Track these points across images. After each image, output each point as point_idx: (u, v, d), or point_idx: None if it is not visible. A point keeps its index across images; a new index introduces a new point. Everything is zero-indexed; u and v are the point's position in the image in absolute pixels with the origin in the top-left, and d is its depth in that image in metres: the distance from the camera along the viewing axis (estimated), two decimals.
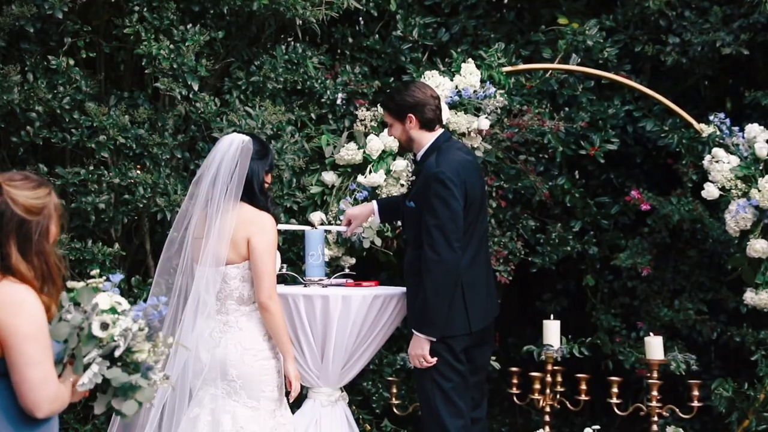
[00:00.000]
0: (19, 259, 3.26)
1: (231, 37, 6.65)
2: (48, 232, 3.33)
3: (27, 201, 3.29)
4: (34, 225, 3.29)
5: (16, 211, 3.27)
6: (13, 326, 3.17)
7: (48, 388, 3.20)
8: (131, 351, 3.33)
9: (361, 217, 5.74)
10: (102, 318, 3.28)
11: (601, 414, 7.47)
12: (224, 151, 4.78)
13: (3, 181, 3.30)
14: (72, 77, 6.17)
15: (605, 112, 7.14)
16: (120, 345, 3.28)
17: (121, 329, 3.28)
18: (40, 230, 3.31)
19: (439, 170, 5.09)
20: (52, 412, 3.24)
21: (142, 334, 3.33)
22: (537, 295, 7.90)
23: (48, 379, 3.20)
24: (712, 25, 7.08)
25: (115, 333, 3.27)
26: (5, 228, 3.26)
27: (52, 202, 3.36)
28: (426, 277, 5.06)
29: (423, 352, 5.14)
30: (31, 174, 3.41)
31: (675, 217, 6.96)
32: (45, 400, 3.20)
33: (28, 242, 3.28)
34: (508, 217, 7.22)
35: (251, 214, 4.75)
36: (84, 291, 3.34)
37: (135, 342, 3.32)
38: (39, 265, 3.29)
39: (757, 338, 6.78)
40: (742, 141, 6.44)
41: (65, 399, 3.28)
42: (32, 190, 3.32)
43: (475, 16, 7.44)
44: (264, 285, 4.71)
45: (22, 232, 3.28)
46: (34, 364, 3.17)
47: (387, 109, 5.38)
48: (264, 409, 4.76)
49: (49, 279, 3.32)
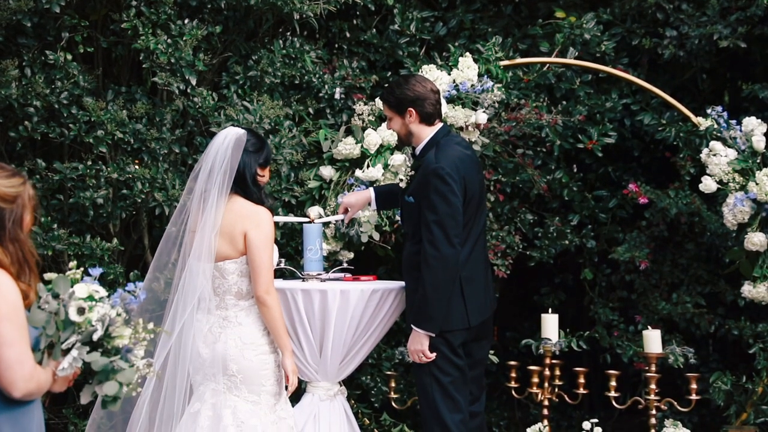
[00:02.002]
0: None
1: (228, 31, 6.64)
2: (22, 221, 3.41)
3: (1, 189, 3.37)
4: (8, 213, 3.38)
5: None
6: None
7: (23, 368, 3.26)
8: (111, 336, 3.40)
9: (358, 205, 5.74)
10: (78, 303, 3.35)
11: (599, 407, 7.49)
12: (219, 145, 4.79)
13: None
14: (70, 72, 6.16)
15: (603, 106, 7.14)
16: (98, 329, 3.35)
17: (99, 314, 3.35)
18: (14, 218, 3.39)
19: (438, 166, 5.09)
20: (29, 393, 3.30)
21: (120, 318, 3.40)
22: (535, 288, 7.91)
23: (22, 359, 3.26)
24: (710, 17, 7.08)
25: (93, 318, 3.34)
26: None
27: (26, 192, 3.44)
28: (425, 273, 5.06)
29: (422, 347, 5.14)
30: (5, 165, 3.48)
31: (673, 211, 6.96)
32: (20, 379, 3.26)
33: (2, 229, 3.36)
34: (506, 211, 7.22)
35: (247, 209, 4.75)
36: (60, 281, 3.40)
37: (114, 327, 3.39)
38: (14, 251, 3.37)
39: (754, 331, 6.79)
40: (740, 134, 6.44)
41: (42, 382, 3.33)
42: (6, 179, 3.41)
43: (473, 10, 7.43)
44: (261, 279, 4.71)
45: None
46: (8, 344, 3.24)
47: (387, 102, 5.37)
48: (264, 403, 4.76)
49: (26, 266, 3.40)
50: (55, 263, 6.11)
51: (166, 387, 4.75)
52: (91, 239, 6.07)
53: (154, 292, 5.01)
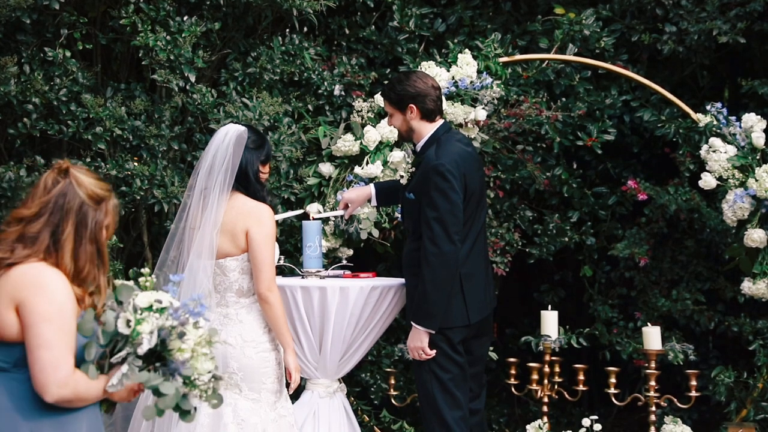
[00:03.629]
0: (70, 239, 3.31)
1: (228, 28, 6.64)
2: (102, 225, 3.39)
3: (90, 187, 3.37)
4: (92, 213, 3.36)
5: (79, 193, 3.34)
6: (33, 305, 3.20)
7: (57, 373, 3.18)
8: (169, 350, 3.28)
9: (359, 201, 5.72)
10: (126, 315, 3.25)
11: (599, 404, 7.49)
12: (220, 142, 4.78)
13: (70, 166, 3.38)
14: (68, 69, 6.16)
15: (602, 102, 7.13)
16: (143, 343, 3.23)
17: (150, 327, 3.24)
18: (97, 221, 3.37)
19: (438, 162, 5.08)
20: (62, 399, 3.21)
21: (174, 332, 3.28)
22: (534, 285, 7.90)
23: (59, 364, 3.19)
24: (709, 13, 7.07)
25: (144, 330, 3.23)
26: (66, 206, 3.33)
27: (111, 200, 3.44)
28: (425, 270, 5.05)
29: (422, 344, 5.14)
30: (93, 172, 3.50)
31: (672, 207, 6.95)
32: (53, 383, 3.18)
33: (84, 227, 3.34)
34: (506, 208, 7.22)
35: (249, 205, 4.75)
36: (123, 288, 3.32)
37: (170, 340, 3.27)
38: (91, 252, 3.34)
39: (754, 328, 6.79)
40: (739, 130, 6.44)
41: (81, 391, 3.24)
42: (96, 180, 3.42)
43: (472, 6, 7.42)
44: (263, 276, 4.70)
45: (80, 215, 3.34)
46: (45, 346, 3.18)
47: (387, 98, 5.36)
48: (265, 401, 4.76)
49: (94, 271, 3.35)
50: None
51: None
52: None
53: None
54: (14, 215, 3.36)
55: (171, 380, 3.27)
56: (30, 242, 3.28)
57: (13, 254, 3.26)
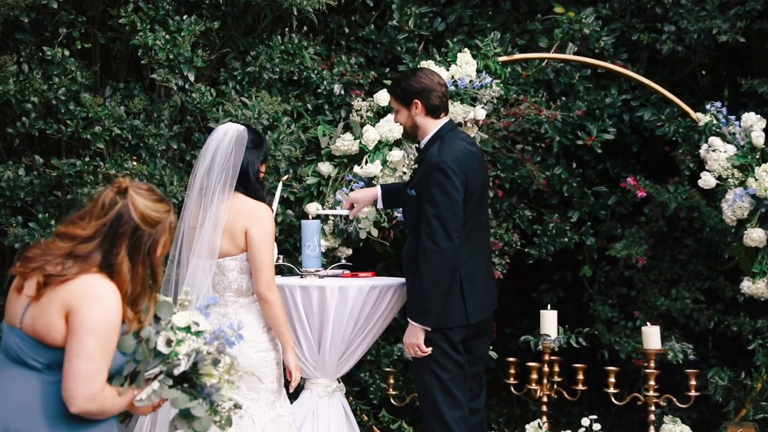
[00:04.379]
0: (125, 262, 3.32)
1: (227, 27, 6.63)
2: (156, 247, 3.40)
3: (146, 210, 3.37)
4: (146, 236, 3.37)
5: (134, 217, 3.34)
6: (84, 315, 3.21)
7: (89, 386, 3.20)
8: (199, 374, 3.30)
9: (365, 201, 5.70)
10: (168, 334, 3.27)
11: (598, 404, 7.48)
12: (219, 141, 4.77)
13: (130, 185, 3.39)
14: (67, 68, 6.15)
15: (602, 102, 7.13)
16: (181, 364, 3.25)
17: (189, 348, 3.27)
18: (151, 243, 3.38)
19: (440, 159, 5.08)
20: (87, 412, 3.23)
21: (209, 357, 3.30)
22: (534, 285, 7.90)
23: (93, 377, 3.20)
24: (709, 12, 7.06)
25: (181, 351, 3.25)
26: (121, 229, 3.33)
27: (168, 219, 3.44)
28: (423, 266, 5.05)
29: (417, 341, 5.14)
30: (156, 189, 3.49)
31: (672, 206, 6.94)
32: (81, 396, 3.20)
33: (137, 251, 3.35)
34: (505, 207, 7.21)
35: (248, 205, 4.74)
36: (164, 305, 3.35)
37: (203, 365, 3.29)
38: (143, 274, 3.36)
39: (754, 327, 6.77)
40: (739, 130, 6.44)
41: (107, 407, 3.26)
42: (153, 203, 3.41)
43: (471, 5, 7.41)
44: (262, 276, 4.70)
45: (134, 239, 3.34)
46: (85, 357, 3.19)
47: (393, 94, 5.38)
48: (263, 400, 4.75)
49: (144, 292, 3.36)
50: None
51: None
52: None
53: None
54: (68, 232, 3.36)
55: (201, 404, 3.30)
56: (82, 259, 3.29)
57: (67, 269, 3.26)
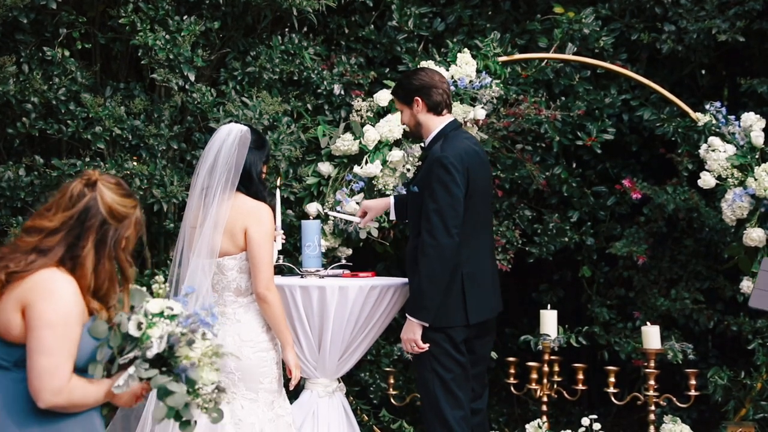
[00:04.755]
0: (90, 255, 3.33)
1: (227, 27, 6.63)
2: (122, 241, 3.41)
3: (114, 204, 3.38)
4: (113, 230, 3.37)
5: (101, 210, 3.35)
6: (38, 310, 3.21)
7: (52, 381, 3.20)
8: (176, 356, 3.30)
9: (377, 210, 5.72)
10: (138, 318, 3.28)
11: (598, 403, 7.48)
12: (222, 141, 4.77)
13: (99, 178, 3.40)
14: (67, 68, 6.15)
15: (602, 102, 7.13)
16: (153, 347, 3.25)
17: (161, 331, 3.27)
18: (117, 237, 3.38)
19: (442, 155, 5.09)
20: (56, 406, 3.23)
21: (184, 338, 3.30)
22: (534, 285, 7.90)
23: (55, 371, 3.20)
24: (708, 12, 7.07)
25: (154, 334, 3.26)
26: (88, 222, 3.34)
27: (135, 215, 3.44)
28: (421, 262, 5.06)
29: (414, 336, 5.14)
30: (125, 183, 3.50)
31: (670, 206, 6.94)
32: (46, 390, 3.20)
33: (103, 244, 3.35)
34: (505, 207, 7.21)
35: (249, 204, 4.74)
36: (136, 293, 3.37)
37: (178, 347, 3.30)
38: (110, 269, 3.37)
39: (754, 327, 6.78)
40: (739, 130, 6.44)
41: (76, 398, 3.26)
42: (121, 197, 3.42)
43: (471, 5, 7.42)
44: (261, 276, 4.70)
45: (100, 232, 3.35)
46: (45, 352, 3.19)
47: (396, 95, 5.42)
48: (262, 400, 4.75)
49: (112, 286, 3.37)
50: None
51: None
52: None
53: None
54: (35, 225, 3.37)
55: (178, 381, 3.29)
56: (44, 254, 3.29)
57: (27, 265, 3.27)
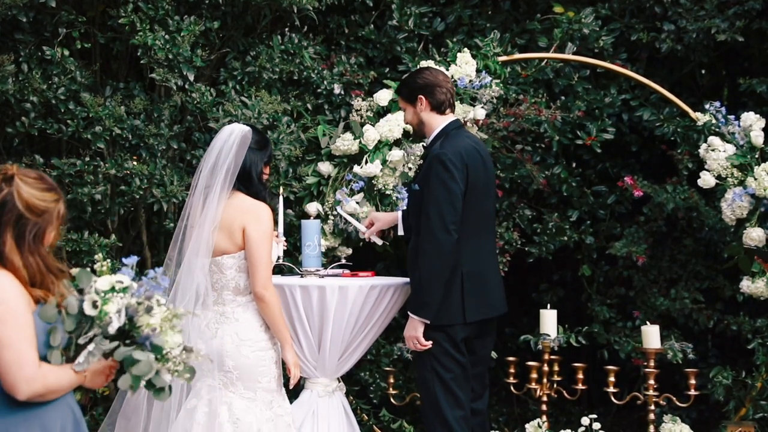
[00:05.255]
0: (13, 250, 3.31)
1: (227, 27, 6.63)
2: (43, 236, 3.38)
3: (31, 199, 3.35)
4: (31, 225, 3.35)
5: (17, 205, 3.32)
6: None
7: (22, 370, 3.22)
8: (137, 327, 3.33)
9: (384, 223, 5.77)
10: (92, 296, 3.30)
11: (598, 403, 7.49)
12: (224, 141, 4.79)
13: (17, 173, 3.37)
14: (67, 68, 6.14)
15: (601, 101, 7.14)
16: (113, 322, 3.28)
17: (118, 305, 3.29)
18: (36, 231, 3.36)
19: (441, 152, 5.11)
20: (35, 394, 3.25)
21: (141, 307, 3.33)
22: (533, 284, 7.90)
23: (22, 361, 3.22)
24: (708, 12, 7.08)
25: (111, 310, 3.28)
26: (4, 217, 3.33)
27: (56, 209, 3.42)
28: (421, 259, 5.07)
29: (416, 333, 5.15)
30: (47, 177, 3.47)
31: (670, 206, 6.94)
32: (21, 381, 3.22)
33: (22, 239, 3.33)
34: (505, 207, 7.22)
35: (247, 203, 4.75)
36: (83, 275, 3.36)
37: (138, 317, 3.33)
38: (34, 263, 3.35)
39: (753, 326, 6.79)
40: (738, 129, 6.44)
41: (50, 382, 3.28)
42: (40, 191, 3.39)
43: (471, 5, 7.42)
44: (259, 275, 4.70)
45: (18, 227, 3.33)
46: (4, 346, 3.21)
47: (399, 93, 5.46)
48: (260, 400, 4.75)
49: (49, 277, 3.36)
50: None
51: None
52: (89, 235, 6.06)
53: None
54: None
55: (143, 350, 3.33)
56: None
57: None
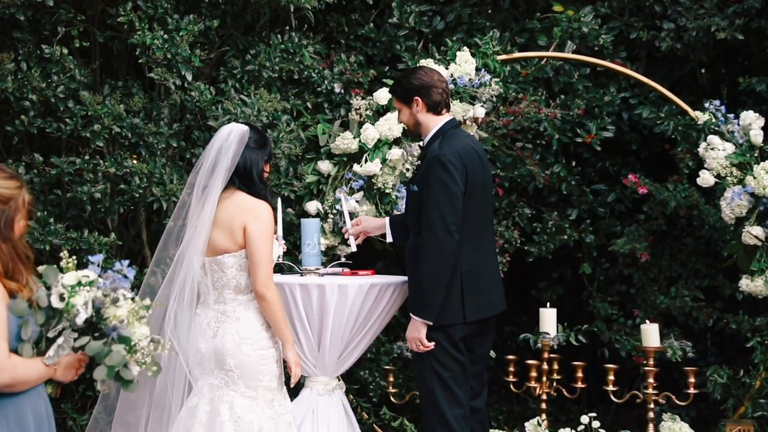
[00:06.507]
0: None
1: (226, 26, 6.63)
2: (12, 223, 3.45)
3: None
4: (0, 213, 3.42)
5: None
6: None
7: None
8: (104, 319, 3.40)
9: (371, 228, 5.77)
10: (59, 290, 3.36)
11: (597, 401, 7.48)
12: (223, 140, 4.79)
13: None
14: (66, 66, 6.14)
15: (601, 100, 7.13)
16: (81, 313, 3.34)
17: (84, 298, 3.36)
18: (5, 219, 3.42)
19: (440, 153, 5.11)
20: (3, 384, 3.31)
21: (108, 299, 3.40)
22: (533, 283, 7.90)
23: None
24: (707, 10, 7.08)
25: (78, 303, 3.35)
26: None
27: (21, 196, 3.49)
28: (422, 260, 5.07)
29: (419, 335, 5.14)
30: (6, 167, 3.55)
31: (671, 204, 6.95)
32: None
33: None
34: (505, 205, 7.22)
35: (248, 202, 4.75)
36: (50, 271, 3.43)
37: (105, 309, 3.40)
38: (7, 251, 3.40)
39: (753, 325, 6.78)
40: (738, 128, 6.45)
41: (20, 374, 3.34)
42: (3, 180, 3.46)
43: (471, 4, 7.42)
44: (260, 273, 4.70)
45: None
46: None
47: (394, 93, 5.43)
48: (262, 398, 4.75)
49: (19, 265, 3.42)
50: (52, 258, 6.08)
51: (163, 381, 4.74)
52: (89, 234, 6.06)
53: (152, 287, 4.99)
54: None
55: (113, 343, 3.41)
56: None
57: None
